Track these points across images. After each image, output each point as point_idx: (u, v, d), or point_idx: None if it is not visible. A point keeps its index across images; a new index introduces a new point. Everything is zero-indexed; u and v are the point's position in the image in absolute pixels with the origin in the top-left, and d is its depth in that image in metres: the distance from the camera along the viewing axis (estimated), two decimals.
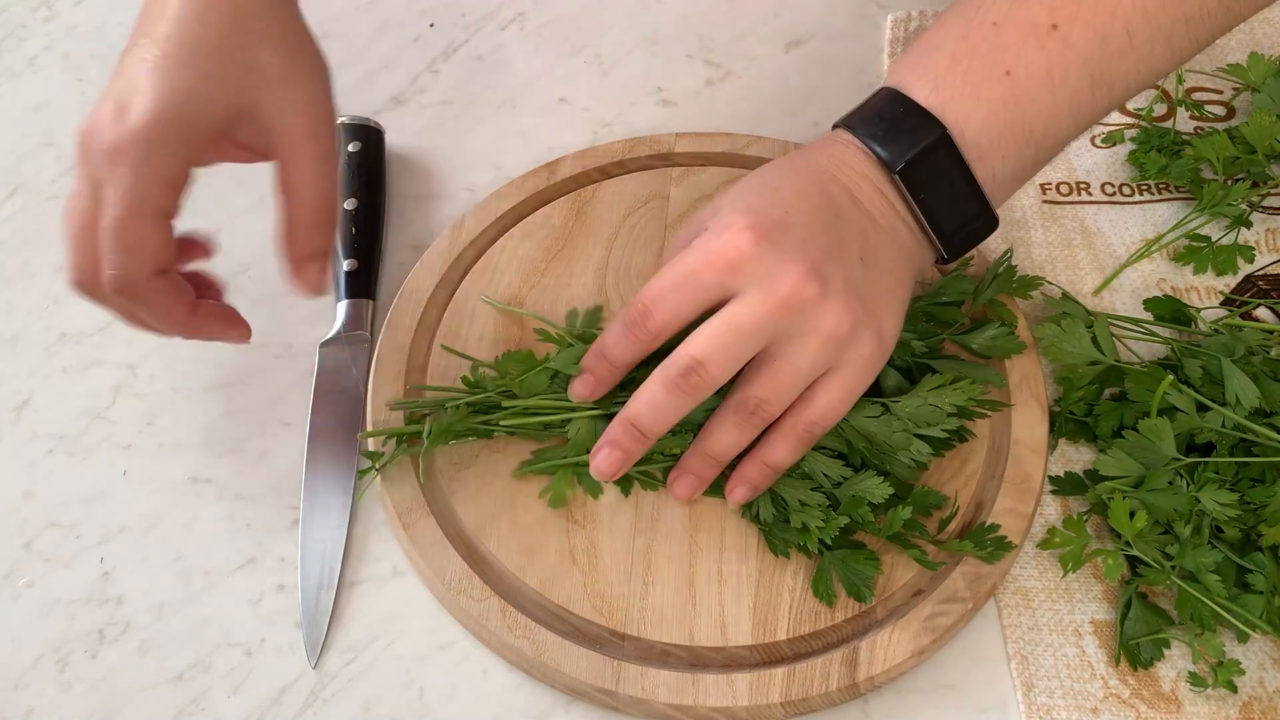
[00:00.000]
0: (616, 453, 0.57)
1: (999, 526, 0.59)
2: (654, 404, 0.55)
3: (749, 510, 0.60)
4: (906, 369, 0.62)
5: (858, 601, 0.58)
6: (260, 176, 0.76)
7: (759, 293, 0.53)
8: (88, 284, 0.54)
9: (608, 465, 0.58)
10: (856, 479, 0.59)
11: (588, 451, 0.60)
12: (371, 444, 0.62)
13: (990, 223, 0.58)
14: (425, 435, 0.60)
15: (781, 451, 0.57)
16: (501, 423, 0.61)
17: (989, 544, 0.58)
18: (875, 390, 0.62)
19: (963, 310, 0.65)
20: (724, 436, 0.57)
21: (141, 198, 0.52)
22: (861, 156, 0.57)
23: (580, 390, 0.59)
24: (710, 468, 0.59)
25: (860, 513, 0.58)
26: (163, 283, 0.54)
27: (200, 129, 0.54)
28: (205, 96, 0.53)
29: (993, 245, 0.71)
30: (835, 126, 0.59)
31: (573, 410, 0.60)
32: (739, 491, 0.59)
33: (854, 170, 0.57)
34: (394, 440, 0.62)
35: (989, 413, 0.62)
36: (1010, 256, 0.67)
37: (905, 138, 0.56)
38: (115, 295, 0.53)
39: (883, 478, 0.58)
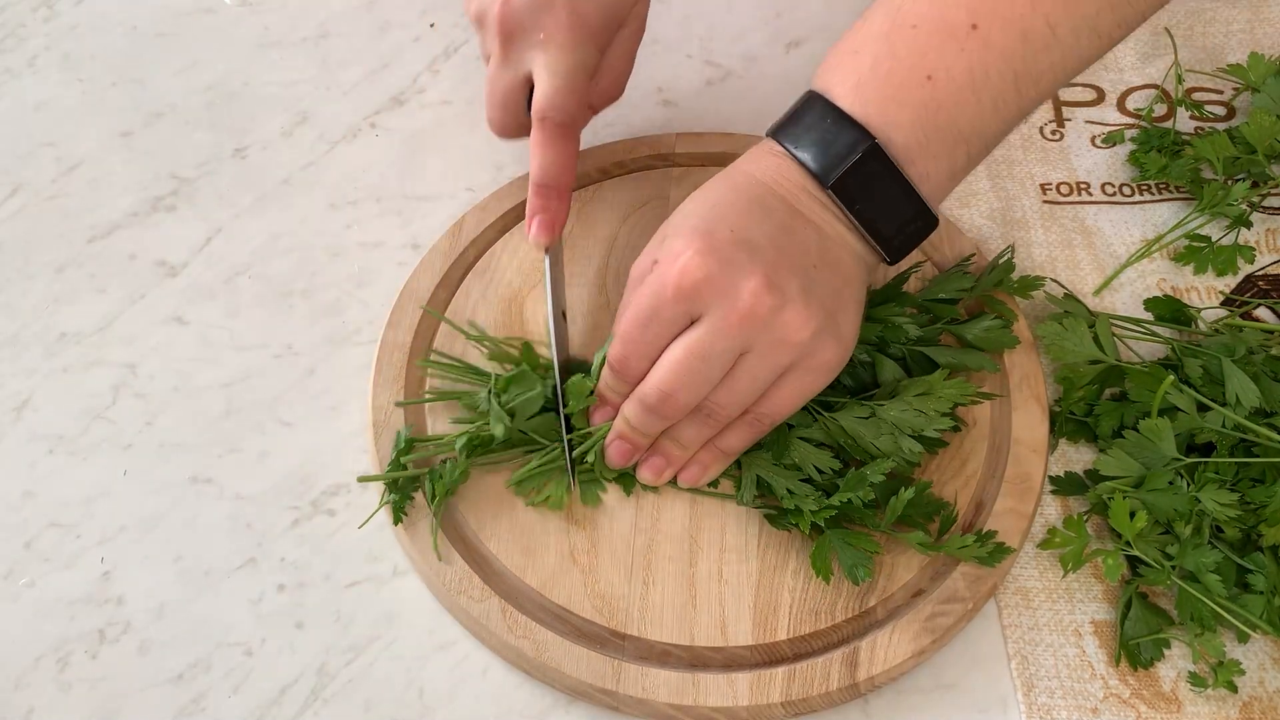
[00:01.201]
0: (625, 445, 0.60)
1: (995, 533, 0.59)
2: (639, 420, 0.59)
3: (742, 495, 0.60)
4: (903, 358, 0.63)
5: (854, 583, 0.57)
6: (259, 177, 0.76)
7: (720, 312, 0.55)
8: (508, 133, 0.67)
9: (619, 456, 0.61)
10: (858, 472, 0.59)
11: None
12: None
13: (929, 222, 0.58)
14: (430, 498, 0.60)
15: (733, 439, 0.59)
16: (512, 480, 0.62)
17: (989, 548, 0.58)
18: (872, 384, 0.62)
19: (959, 306, 0.66)
20: (688, 429, 0.59)
21: (585, 77, 0.64)
22: (795, 168, 0.57)
23: (597, 418, 0.62)
24: (678, 451, 0.60)
25: (861, 493, 0.58)
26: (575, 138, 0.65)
27: (617, 25, 0.65)
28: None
29: (993, 244, 0.71)
30: (768, 134, 0.59)
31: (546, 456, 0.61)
32: (690, 471, 0.61)
33: (790, 182, 0.57)
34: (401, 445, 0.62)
35: (980, 400, 0.63)
36: (1011, 252, 0.67)
37: (834, 150, 0.56)
38: (549, 143, 0.63)
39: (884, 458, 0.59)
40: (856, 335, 0.58)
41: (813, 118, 0.57)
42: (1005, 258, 0.67)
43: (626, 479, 0.61)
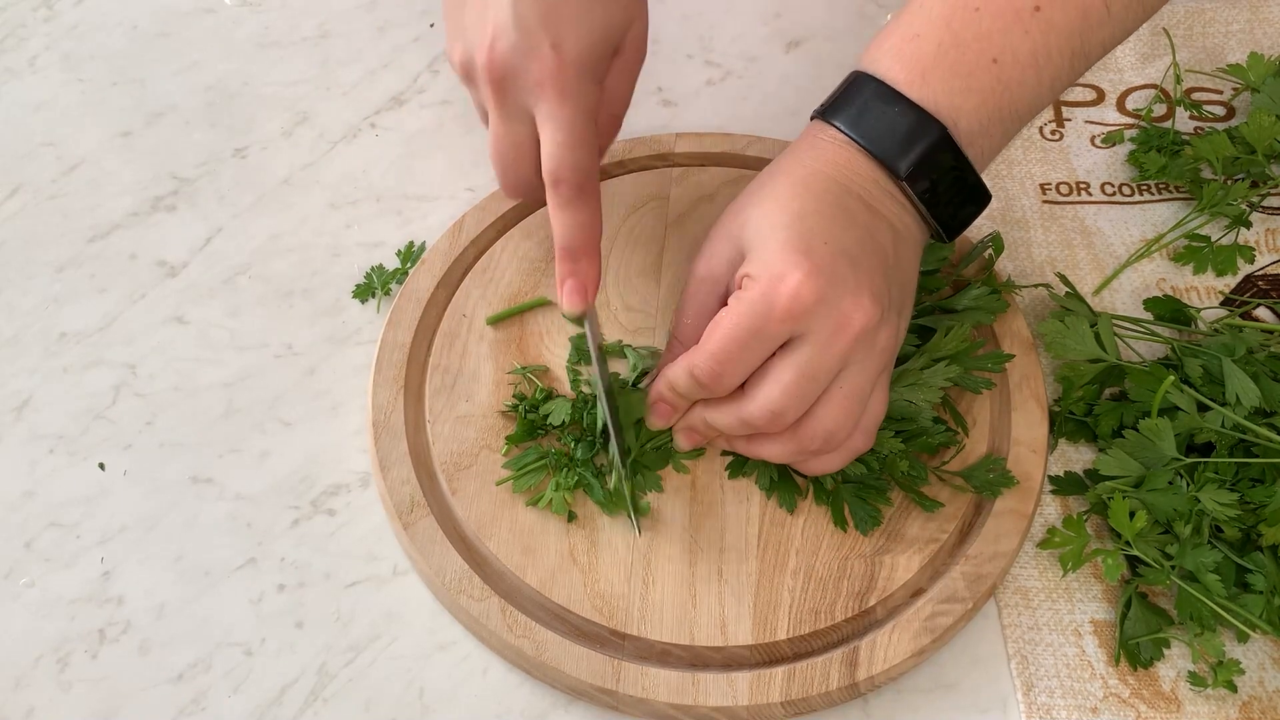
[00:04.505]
0: (696, 436, 0.61)
1: (1004, 459, 0.60)
2: (728, 428, 0.58)
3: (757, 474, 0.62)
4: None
5: (862, 534, 0.59)
6: (259, 177, 0.76)
7: (826, 333, 0.54)
8: (527, 196, 0.62)
9: (688, 444, 0.61)
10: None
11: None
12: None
13: (985, 199, 0.59)
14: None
15: (839, 459, 0.59)
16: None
17: (996, 476, 0.59)
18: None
19: (942, 275, 0.67)
20: (773, 452, 0.58)
21: (590, 120, 0.58)
22: (864, 160, 0.57)
23: (658, 422, 0.61)
24: (748, 451, 0.60)
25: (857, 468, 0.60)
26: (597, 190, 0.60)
27: (610, 54, 0.60)
28: (619, 24, 0.59)
29: (980, 226, 0.72)
30: (818, 118, 0.59)
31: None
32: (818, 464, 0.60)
33: (863, 176, 0.57)
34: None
35: (991, 368, 0.63)
36: (996, 236, 0.68)
37: (905, 141, 0.56)
38: (568, 205, 0.58)
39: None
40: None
41: (875, 104, 0.57)
42: (992, 234, 0.68)
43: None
